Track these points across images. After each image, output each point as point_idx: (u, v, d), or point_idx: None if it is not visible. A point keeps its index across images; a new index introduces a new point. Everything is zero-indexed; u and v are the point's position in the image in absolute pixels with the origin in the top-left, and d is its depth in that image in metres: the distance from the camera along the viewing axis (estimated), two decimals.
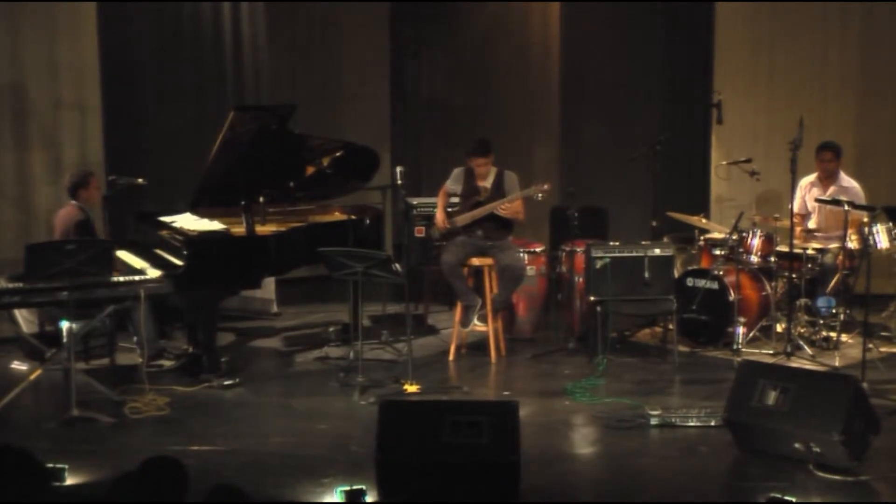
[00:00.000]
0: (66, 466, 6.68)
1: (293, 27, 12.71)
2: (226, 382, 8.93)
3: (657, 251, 9.64)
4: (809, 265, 9.82)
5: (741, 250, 9.88)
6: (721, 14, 11.92)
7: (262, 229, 9.44)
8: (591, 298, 9.63)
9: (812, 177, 10.40)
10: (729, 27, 11.94)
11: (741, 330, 9.67)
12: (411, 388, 8.72)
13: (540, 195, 9.68)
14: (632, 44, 12.33)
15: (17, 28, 10.74)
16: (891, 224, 8.87)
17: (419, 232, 10.72)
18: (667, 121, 12.13)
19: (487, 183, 9.81)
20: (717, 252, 10.10)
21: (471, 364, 9.80)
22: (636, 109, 12.31)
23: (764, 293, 9.96)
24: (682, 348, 9.85)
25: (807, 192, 10.39)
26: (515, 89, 12.71)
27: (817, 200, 10.08)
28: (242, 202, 9.33)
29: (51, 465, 6.45)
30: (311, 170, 10.03)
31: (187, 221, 9.50)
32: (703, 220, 10.43)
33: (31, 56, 10.83)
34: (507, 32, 12.79)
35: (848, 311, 9.92)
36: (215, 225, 9.37)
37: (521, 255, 10.10)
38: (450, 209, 9.95)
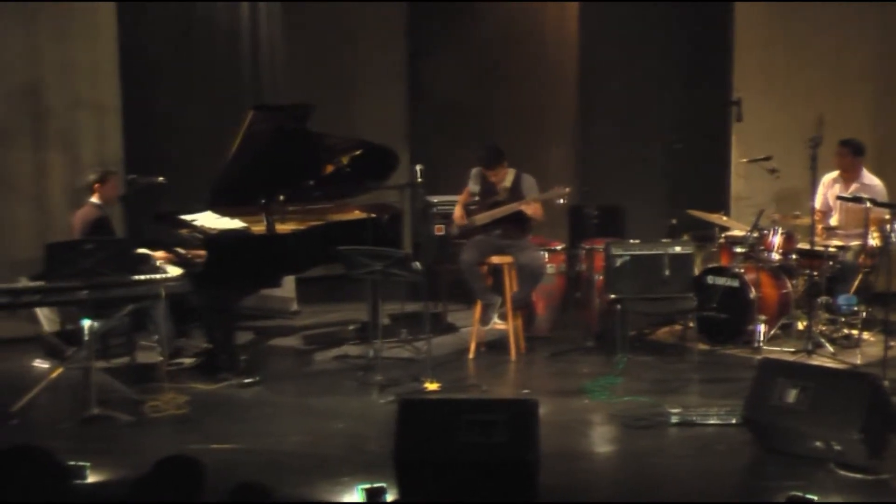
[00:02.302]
0: (88, 465, 6.70)
1: (310, 28, 12.70)
2: (244, 381, 8.95)
3: (677, 249, 9.61)
4: (830, 263, 9.78)
5: (761, 248, 9.86)
6: (740, 13, 11.88)
7: (281, 228, 9.46)
8: (610, 297, 9.62)
9: (834, 174, 10.37)
10: (747, 26, 11.89)
11: (761, 328, 9.65)
12: (432, 386, 8.72)
13: (561, 199, 9.67)
14: (650, 43, 12.28)
15: (35, 28, 10.76)
16: None
17: (438, 230, 10.72)
18: (686, 119, 12.09)
19: (507, 182, 9.80)
20: (738, 250, 10.07)
21: (490, 362, 9.79)
22: (654, 108, 12.26)
23: (784, 291, 9.93)
24: (702, 346, 9.82)
25: (828, 188, 10.36)
26: (532, 88, 12.69)
27: (839, 198, 10.06)
28: (262, 201, 9.34)
29: (72, 463, 6.47)
30: (329, 169, 10.03)
31: (208, 220, 9.51)
32: (724, 218, 10.41)
33: (49, 56, 10.86)
34: (523, 32, 12.76)
35: (869, 309, 9.88)
36: (236, 223, 9.39)
37: (541, 252, 10.09)
38: (471, 207, 9.94)
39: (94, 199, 9.61)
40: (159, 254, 9.21)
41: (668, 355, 9.87)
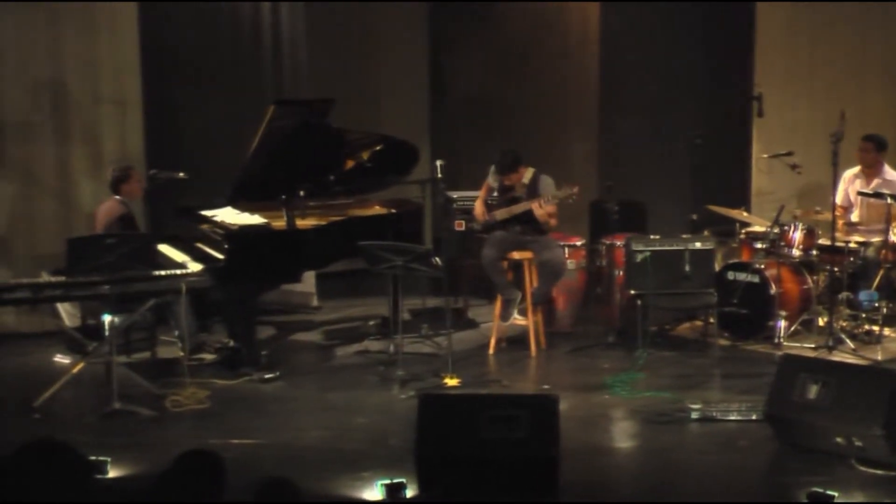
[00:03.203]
0: (109, 459, 6.73)
1: (332, 24, 12.70)
2: (266, 376, 8.96)
3: (697, 245, 9.61)
4: (851, 258, 9.75)
5: (782, 244, 9.83)
6: (761, 7, 11.84)
7: (301, 223, 9.47)
8: (631, 292, 9.62)
9: (855, 169, 10.34)
10: (769, 20, 11.85)
11: (782, 324, 9.63)
12: (451, 382, 8.73)
13: (572, 199, 9.64)
14: (672, 39, 12.24)
15: (58, 24, 10.79)
16: None
17: (458, 225, 10.72)
18: (708, 115, 12.05)
19: (525, 180, 9.79)
20: (758, 245, 10.05)
21: (510, 358, 9.80)
22: (676, 103, 12.21)
23: (805, 287, 9.90)
24: (723, 342, 9.81)
25: (849, 184, 10.33)
26: (554, 84, 12.66)
27: (859, 193, 10.03)
28: (282, 196, 9.36)
29: (93, 458, 6.49)
30: (350, 164, 10.05)
31: (228, 215, 9.53)
32: (744, 214, 10.38)
33: (72, 51, 10.89)
34: (545, 29, 12.72)
35: (890, 305, 9.85)
36: (256, 219, 9.40)
37: (562, 249, 10.08)
38: (490, 202, 9.93)
39: (118, 195, 9.64)
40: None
41: (689, 351, 9.85)
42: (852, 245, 9.77)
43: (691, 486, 6.87)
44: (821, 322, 9.87)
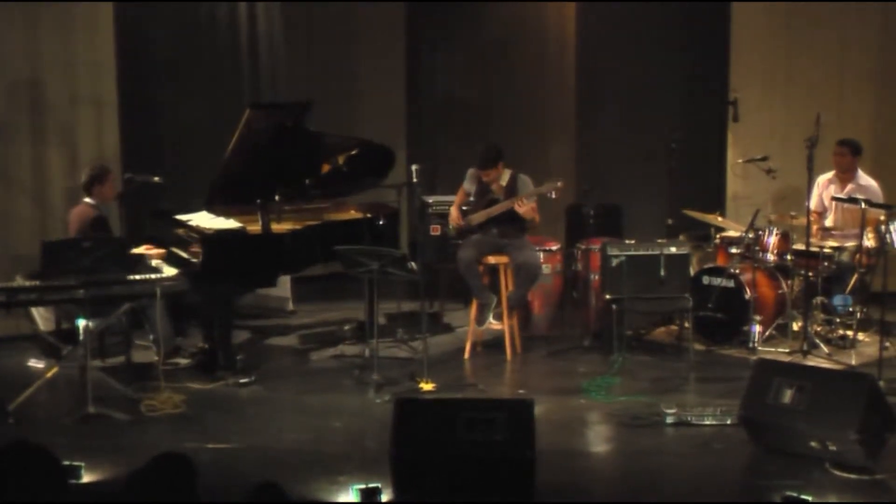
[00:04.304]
0: (83, 464, 6.70)
1: (309, 25, 12.69)
2: (241, 380, 8.94)
3: (673, 249, 9.62)
4: (826, 263, 9.78)
5: (757, 248, 9.85)
6: (738, 11, 11.86)
7: (277, 227, 9.45)
8: (607, 296, 9.62)
9: (829, 174, 10.37)
10: (746, 24, 11.88)
11: (757, 328, 9.66)
12: (426, 386, 8.72)
13: (553, 193, 9.67)
14: (648, 42, 12.26)
15: (35, 24, 10.77)
16: None
17: (434, 230, 10.71)
18: (683, 119, 12.07)
19: (502, 181, 9.79)
20: (733, 250, 10.08)
21: (486, 362, 9.80)
22: (653, 107, 12.23)
23: (780, 291, 9.94)
24: (698, 346, 9.82)
25: (824, 189, 10.36)
26: (532, 87, 12.68)
27: (834, 198, 10.06)
28: (258, 200, 9.34)
29: (67, 463, 6.46)
30: (326, 167, 10.04)
31: (203, 219, 9.51)
32: (720, 218, 10.41)
33: (49, 52, 10.87)
34: (523, 31, 12.74)
35: (864, 310, 9.89)
36: (231, 223, 9.38)
37: (537, 253, 10.09)
38: (465, 207, 9.94)
39: (90, 198, 9.58)
40: (154, 252, 9.20)
41: (665, 355, 9.88)
42: (827, 250, 9.79)
43: (667, 490, 6.89)
44: (795, 327, 9.90)
